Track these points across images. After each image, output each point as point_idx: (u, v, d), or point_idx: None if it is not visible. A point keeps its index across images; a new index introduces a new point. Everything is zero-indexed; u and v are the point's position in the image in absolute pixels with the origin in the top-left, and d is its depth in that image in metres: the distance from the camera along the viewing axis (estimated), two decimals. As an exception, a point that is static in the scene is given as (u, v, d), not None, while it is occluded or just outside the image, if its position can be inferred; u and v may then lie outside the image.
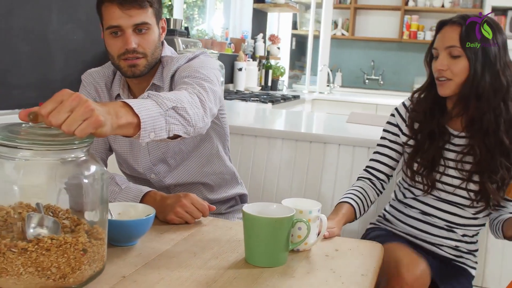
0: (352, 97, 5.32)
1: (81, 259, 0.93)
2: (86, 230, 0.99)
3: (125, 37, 1.48)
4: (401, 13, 6.79)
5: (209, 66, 1.53)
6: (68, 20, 2.48)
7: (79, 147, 0.95)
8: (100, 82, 1.66)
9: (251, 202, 1.86)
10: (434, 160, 1.60)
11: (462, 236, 1.64)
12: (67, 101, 0.90)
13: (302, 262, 1.19)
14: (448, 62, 1.53)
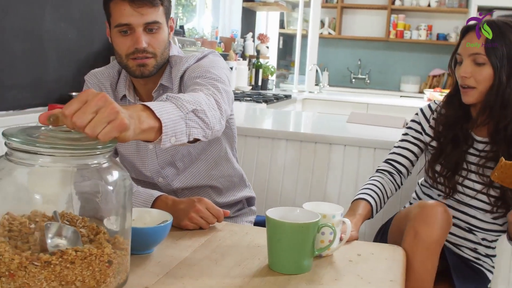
0: (342, 97, 5.31)
1: (106, 271, 0.88)
2: (107, 240, 0.94)
3: (136, 36, 1.43)
4: (388, 12, 6.80)
5: (219, 65, 1.49)
6: (61, 19, 2.41)
7: (102, 153, 0.90)
8: (105, 82, 1.60)
9: (258, 204, 1.84)
10: (457, 163, 1.58)
11: (482, 240, 1.62)
12: (92, 101, 0.85)
13: (327, 268, 1.15)
14: (472, 69, 1.51)
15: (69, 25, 2.46)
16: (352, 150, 2.10)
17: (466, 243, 1.63)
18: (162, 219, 1.22)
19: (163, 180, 1.63)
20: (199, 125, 1.13)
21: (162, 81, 1.54)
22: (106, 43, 2.72)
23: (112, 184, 0.93)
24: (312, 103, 5.11)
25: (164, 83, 1.54)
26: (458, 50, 1.56)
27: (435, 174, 1.61)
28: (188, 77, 1.48)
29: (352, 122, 2.58)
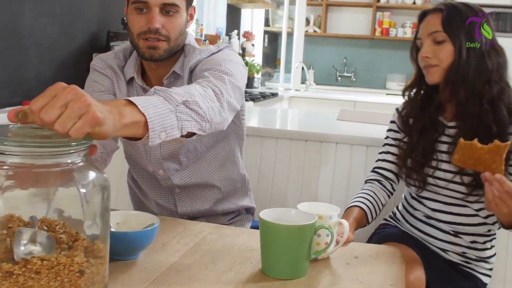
0: (329, 95, 5.27)
1: (77, 282, 0.80)
2: (85, 247, 0.86)
3: (151, 15, 1.37)
4: (373, 10, 6.77)
5: (233, 60, 1.42)
6: (42, 14, 2.32)
7: (76, 151, 0.82)
8: (113, 65, 1.53)
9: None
10: (424, 154, 1.53)
11: (471, 243, 1.55)
12: (61, 95, 0.77)
13: (324, 273, 1.09)
14: (433, 48, 1.48)
15: (49, 20, 2.37)
16: (343, 148, 2.04)
17: (453, 248, 1.56)
18: (149, 222, 1.15)
19: (163, 173, 1.55)
20: (192, 117, 1.06)
21: (175, 69, 1.47)
22: (88, 40, 2.64)
23: (88, 186, 0.85)
24: (298, 101, 5.06)
25: (177, 71, 1.47)
26: (418, 35, 1.54)
27: (408, 169, 1.56)
28: (199, 70, 1.41)
29: (342, 119, 2.52)
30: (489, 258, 1.59)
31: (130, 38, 1.45)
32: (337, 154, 2.04)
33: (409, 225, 1.63)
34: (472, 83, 1.45)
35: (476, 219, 1.53)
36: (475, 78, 1.45)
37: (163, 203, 1.62)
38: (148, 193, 1.63)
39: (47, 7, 2.35)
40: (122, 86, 1.52)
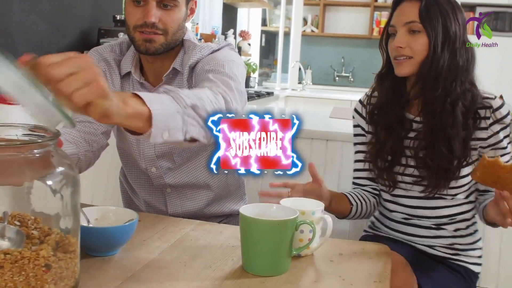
0: (325, 94, 5.25)
1: (43, 277, 0.77)
2: (56, 241, 0.84)
3: (147, 8, 1.34)
4: (371, 10, 6.75)
5: (235, 61, 1.39)
6: (31, 11, 2.29)
7: (45, 141, 0.81)
8: (108, 57, 1.50)
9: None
10: (394, 153, 1.48)
11: (455, 231, 1.51)
12: (74, 59, 0.76)
13: (306, 269, 1.06)
14: (407, 39, 1.41)
15: (39, 17, 2.35)
16: (334, 145, 2.01)
17: (439, 241, 1.52)
18: (128, 218, 1.13)
19: (156, 171, 1.52)
20: (199, 123, 1.03)
21: (175, 65, 1.44)
22: (79, 37, 2.61)
23: (55, 179, 0.83)
24: (294, 101, 5.05)
25: (177, 68, 1.45)
26: (391, 22, 1.46)
27: (378, 170, 1.51)
28: (201, 69, 1.38)
29: (335, 117, 2.50)
30: (475, 243, 1.54)
31: (127, 31, 1.42)
32: (328, 151, 2.02)
33: (389, 229, 1.58)
34: (443, 80, 1.40)
35: (455, 208, 1.49)
36: (446, 75, 1.40)
37: (153, 203, 1.59)
38: (139, 192, 1.60)
39: (37, 4, 2.33)
40: (116, 80, 1.49)
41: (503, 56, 5.61)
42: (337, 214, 1.51)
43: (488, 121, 1.41)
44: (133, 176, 1.60)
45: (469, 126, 1.40)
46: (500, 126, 1.41)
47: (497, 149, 1.42)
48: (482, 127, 1.42)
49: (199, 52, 1.43)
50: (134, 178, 1.60)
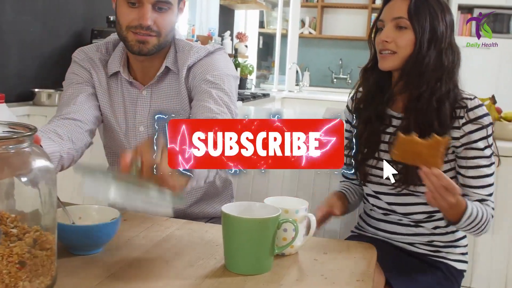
0: (321, 95, 5.24)
1: (17, 274, 0.77)
2: (34, 239, 0.84)
3: (143, 11, 1.34)
4: (369, 12, 6.76)
5: (232, 74, 1.47)
6: (23, 11, 2.29)
7: (20, 137, 0.81)
8: (94, 57, 1.50)
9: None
10: (369, 146, 1.50)
11: (434, 229, 1.50)
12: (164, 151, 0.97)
13: (289, 268, 1.06)
14: (394, 34, 1.42)
15: (32, 17, 2.35)
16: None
17: (418, 239, 1.52)
18: (112, 216, 1.12)
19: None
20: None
21: (167, 64, 1.46)
22: (72, 37, 2.61)
23: (32, 175, 0.83)
24: (291, 102, 5.04)
25: (170, 66, 1.46)
26: (380, 17, 1.47)
27: (354, 161, 1.51)
28: (200, 74, 1.43)
29: (328, 117, 2.48)
30: (457, 241, 1.54)
31: (118, 30, 1.42)
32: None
33: (372, 228, 1.59)
34: (427, 78, 1.41)
35: (429, 207, 1.47)
36: (430, 73, 1.41)
37: None
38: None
39: (29, 4, 2.33)
40: (102, 79, 1.50)
41: (500, 57, 5.61)
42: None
43: (461, 120, 1.41)
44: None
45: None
46: (475, 127, 1.40)
47: (471, 149, 1.41)
48: (455, 126, 1.42)
49: (196, 53, 1.45)
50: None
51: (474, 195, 1.41)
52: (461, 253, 1.55)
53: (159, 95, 1.49)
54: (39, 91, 2.38)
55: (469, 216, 1.34)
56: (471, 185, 1.41)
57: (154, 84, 1.48)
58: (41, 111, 2.33)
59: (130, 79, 1.48)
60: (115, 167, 1.59)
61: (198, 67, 1.44)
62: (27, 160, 0.83)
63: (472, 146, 1.41)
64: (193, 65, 1.45)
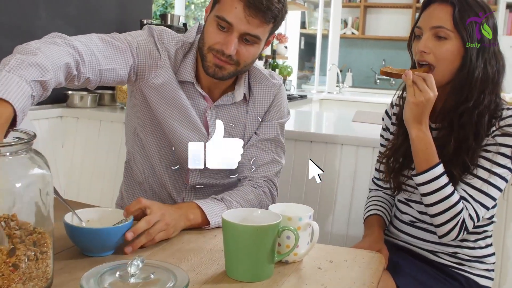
0: (362, 97, 5.16)
1: (10, 276, 0.79)
2: (34, 241, 0.86)
3: (229, 38, 1.31)
4: (413, 11, 6.62)
5: (288, 118, 1.59)
6: (57, 15, 2.36)
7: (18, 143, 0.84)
8: (178, 54, 1.43)
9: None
10: (406, 157, 1.46)
11: (461, 241, 1.46)
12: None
13: (290, 276, 1.05)
14: (432, 44, 1.35)
15: (65, 22, 2.41)
16: (349, 149, 1.98)
17: (443, 248, 1.48)
18: (121, 218, 1.15)
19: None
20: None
21: (245, 91, 1.49)
22: (105, 41, 2.66)
23: (29, 179, 0.86)
24: (329, 104, 4.99)
25: (246, 93, 1.50)
26: (418, 23, 1.40)
27: (388, 170, 1.50)
28: (268, 117, 1.53)
29: (357, 121, 2.45)
30: (484, 257, 1.49)
31: (200, 45, 1.39)
32: (343, 156, 1.99)
33: (396, 230, 1.57)
34: (476, 91, 1.35)
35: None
36: (479, 86, 1.34)
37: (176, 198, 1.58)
38: (158, 190, 1.59)
39: (63, 9, 2.39)
40: (170, 76, 1.43)
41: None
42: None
43: (492, 128, 1.37)
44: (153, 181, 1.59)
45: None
46: (503, 137, 1.35)
47: (497, 154, 1.35)
48: (487, 134, 1.37)
49: (274, 89, 1.52)
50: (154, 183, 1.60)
51: (462, 191, 1.36)
52: (487, 269, 1.50)
53: (225, 114, 1.49)
54: (72, 93, 2.45)
55: (435, 177, 1.32)
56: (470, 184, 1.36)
57: (224, 104, 1.49)
58: (73, 112, 2.39)
59: (203, 93, 1.46)
60: (150, 167, 1.57)
61: (271, 111, 1.53)
62: (25, 166, 0.85)
63: (499, 151, 1.35)
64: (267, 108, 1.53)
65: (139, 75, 1.41)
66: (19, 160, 0.84)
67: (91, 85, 1.30)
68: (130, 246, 1.10)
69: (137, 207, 1.16)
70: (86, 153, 2.33)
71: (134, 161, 1.61)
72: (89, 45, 1.27)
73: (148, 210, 1.17)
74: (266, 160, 1.49)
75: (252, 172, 1.47)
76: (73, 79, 1.21)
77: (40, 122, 2.23)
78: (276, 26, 1.38)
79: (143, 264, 0.90)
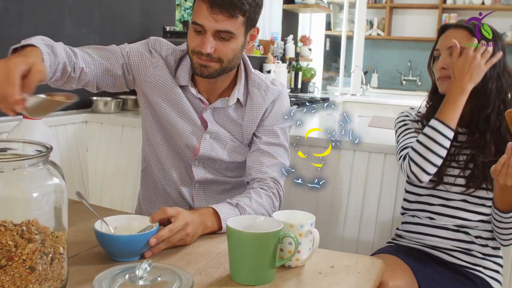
0: (386, 99, 5.16)
1: (27, 277, 0.87)
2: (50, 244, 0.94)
3: (204, 39, 1.43)
4: (439, 12, 6.58)
5: (287, 124, 1.63)
6: (82, 24, 2.46)
7: (36, 156, 0.91)
8: (169, 59, 1.59)
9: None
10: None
11: (476, 238, 1.57)
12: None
13: (290, 280, 1.10)
14: (449, 61, 1.55)
15: (90, 30, 2.51)
16: (361, 155, 2.02)
17: (457, 244, 1.58)
18: (146, 224, 1.23)
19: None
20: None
21: (239, 96, 1.58)
22: (129, 48, 2.75)
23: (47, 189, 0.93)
24: (352, 106, 5.00)
25: (240, 99, 1.59)
26: (436, 46, 1.62)
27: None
28: (267, 122, 1.60)
29: (374, 126, 2.49)
30: (494, 257, 1.59)
31: (187, 50, 1.52)
32: (355, 162, 2.03)
33: (413, 234, 1.65)
34: (493, 100, 1.54)
35: (478, 215, 1.58)
36: (494, 96, 1.54)
37: (185, 195, 1.67)
38: (167, 187, 1.68)
39: (87, 17, 2.49)
40: (169, 80, 1.58)
41: None
42: None
43: None
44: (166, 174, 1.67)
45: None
46: None
47: None
48: None
49: (272, 94, 1.60)
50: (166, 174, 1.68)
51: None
52: (497, 271, 1.57)
53: (222, 117, 1.60)
54: (97, 99, 2.54)
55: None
56: None
57: (219, 107, 1.59)
58: (97, 118, 2.48)
59: (198, 95, 1.58)
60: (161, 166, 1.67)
61: (268, 119, 1.59)
62: (43, 177, 0.93)
63: None
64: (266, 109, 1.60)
65: (135, 75, 1.57)
66: (38, 172, 0.92)
67: (88, 79, 1.49)
68: (150, 251, 1.18)
69: (161, 217, 1.22)
70: (109, 158, 2.42)
71: (148, 167, 1.71)
72: (83, 48, 1.50)
73: (172, 218, 1.24)
74: (272, 163, 1.56)
75: (260, 174, 1.54)
76: (68, 70, 1.41)
77: (66, 127, 2.32)
78: (249, 19, 1.45)
79: (150, 267, 0.97)
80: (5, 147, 0.99)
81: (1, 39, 2.07)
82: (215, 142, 1.59)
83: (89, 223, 1.38)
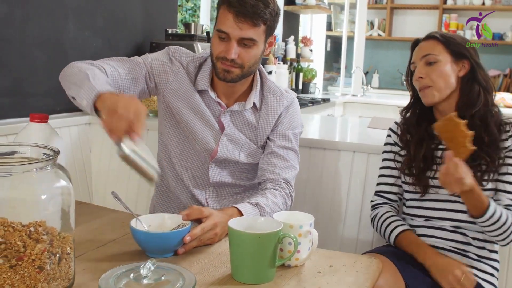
0: (386, 99, 5.17)
1: (36, 276, 0.90)
2: (60, 245, 0.97)
3: (229, 45, 1.53)
4: (440, 12, 6.61)
5: (298, 129, 1.72)
6: (85, 27, 2.49)
7: (45, 159, 0.95)
8: (190, 67, 1.67)
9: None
10: (425, 161, 1.63)
11: (473, 240, 1.60)
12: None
13: (290, 279, 1.14)
14: (425, 70, 1.61)
15: (92, 33, 2.54)
16: (361, 156, 2.05)
17: (453, 244, 1.60)
18: (177, 223, 1.28)
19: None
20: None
21: (255, 100, 1.68)
22: (131, 51, 2.78)
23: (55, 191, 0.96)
24: (353, 107, 5.02)
25: (256, 103, 1.68)
26: (411, 60, 1.68)
27: (412, 176, 1.65)
28: (280, 126, 1.68)
29: (373, 127, 2.52)
30: (490, 260, 1.60)
31: (211, 57, 1.62)
32: (354, 162, 2.06)
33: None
34: (480, 96, 1.60)
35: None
36: (480, 93, 1.60)
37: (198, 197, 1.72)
38: (179, 192, 1.73)
39: (90, 20, 2.52)
40: (188, 87, 1.66)
41: None
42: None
43: (508, 133, 1.58)
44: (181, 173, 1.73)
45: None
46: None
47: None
48: (503, 138, 1.57)
49: (286, 100, 1.70)
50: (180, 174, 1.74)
51: (505, 200, 1.54)
52: (491, 274, 1.59)
53: (238, 120, 1.68)
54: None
55: (492, 215, 1.46)
56: (505, 190, 1.55)
57: (237, 110, 1.67)
58: (101, 120, 2.51)
59: (217, 99, 1.66)
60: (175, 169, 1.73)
61: (280, 125, 1.68)
62: (50, 179, 0.96)
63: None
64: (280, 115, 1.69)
65: (157, 82, 1.65)
66: (46, 175, 0.95)
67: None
68: (183, 248, 1.23)
69: (198, 216, 1.28)
70: (112, 159, 2.45)
71: (162, 171, 1.76)
72: (109, 61, 1.58)
73: (204, 218, 1.29)
74: (284, 165, 1.63)
75: (273, 175, 1.61)
76: None
77: (70, 129, 2.36)
78: (269, 27, 1.56)
79: (154, 267, 1.00)
80: (13, 150, 1.03)
81: (6, 42, 2.10)
82: (232, 144, 1.66)
83: (94, 223, 1.43)
